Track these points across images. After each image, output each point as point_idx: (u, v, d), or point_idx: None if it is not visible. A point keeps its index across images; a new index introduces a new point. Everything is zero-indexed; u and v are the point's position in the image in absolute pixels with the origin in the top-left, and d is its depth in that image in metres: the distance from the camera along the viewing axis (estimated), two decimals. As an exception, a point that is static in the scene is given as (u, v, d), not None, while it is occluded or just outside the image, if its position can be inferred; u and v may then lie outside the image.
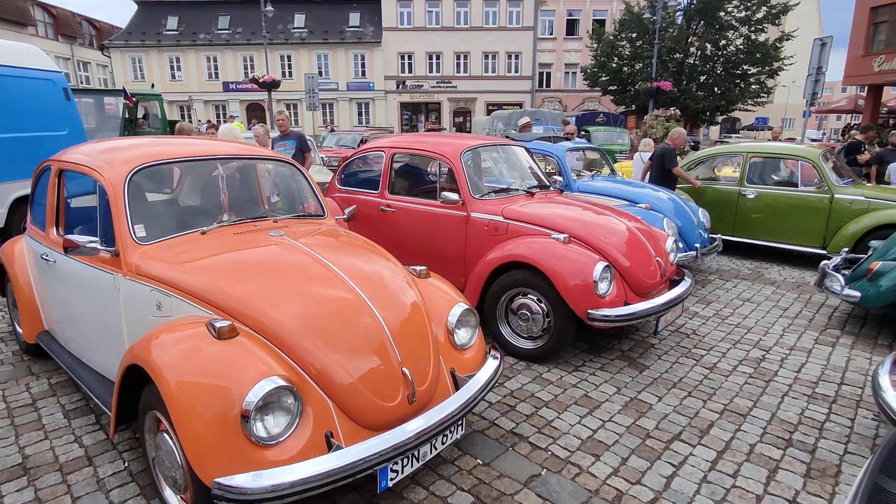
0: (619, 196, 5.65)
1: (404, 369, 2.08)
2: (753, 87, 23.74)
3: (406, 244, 4.52)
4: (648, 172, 6.85)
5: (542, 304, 3.56)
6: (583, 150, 6.68)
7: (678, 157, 10.29)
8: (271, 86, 20.96)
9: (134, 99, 11.31)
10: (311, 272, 2.32)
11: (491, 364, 2.52)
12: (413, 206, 4.45)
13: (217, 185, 3.10)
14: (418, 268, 2.78)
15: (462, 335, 2.54)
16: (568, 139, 7.96)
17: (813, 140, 22.85)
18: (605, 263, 3.41)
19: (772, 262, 6.70)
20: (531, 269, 3.55)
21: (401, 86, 37.69)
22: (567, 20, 37.15)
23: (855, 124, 25.55)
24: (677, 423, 2.95)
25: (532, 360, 3.68)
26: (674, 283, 4.01)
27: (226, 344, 1.93)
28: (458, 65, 37.85)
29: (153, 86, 24.22)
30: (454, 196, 4.03)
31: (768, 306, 5.02)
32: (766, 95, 24.41)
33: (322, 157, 11.71)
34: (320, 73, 35.95)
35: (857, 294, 4.18)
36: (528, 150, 4.98)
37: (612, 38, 25.04)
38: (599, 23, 34.50)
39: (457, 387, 2.33)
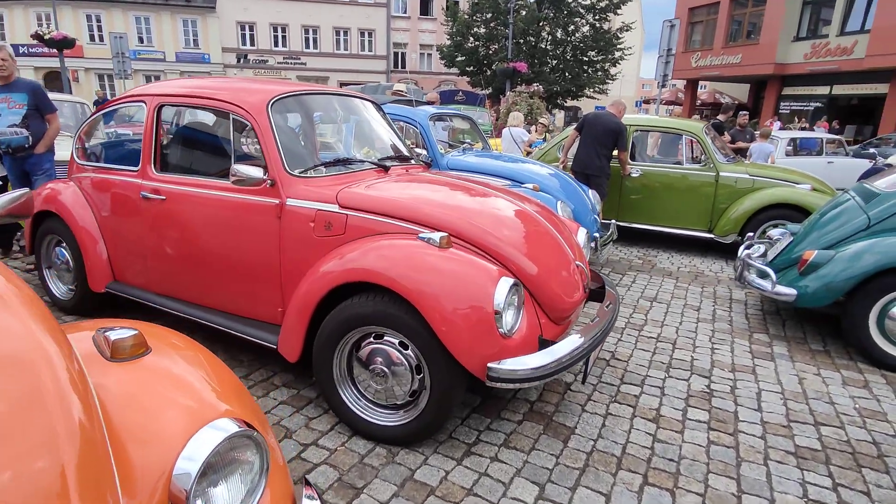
0: (499, 174, 4.40)
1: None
2: (599, 73, 24.75)
3: (183, 252, 2.76)
4: (573, 148, 5.67)
5: (410, 352, 2.09)
6: (450, 117, 5.31)
7: (545, 137, 9.54)
8: (62, 45, 16.74)
9: None
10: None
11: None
12: (193, 191, 2.70)
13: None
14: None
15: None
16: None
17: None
18: (512, 280, 2.04)
19: (658, 248, 6.03)
20: (388, 294, 2.06)
21: (242, 60, 33.69)
22: (421, -1, 36.08)
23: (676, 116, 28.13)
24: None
25: (395, 442, 2.21)
26: (593, 295, 2.82)
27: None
28: (306, 39, 34.84)
29: None
30: (256, 172, 2.38)
31: (679, 306, 4.14)
32: (610, 82, 25.63)
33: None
34: (142, 41, 30.70)
35: (793, 292, 3.37)
36: (380, 108, 3.45)
37: (466, 17, 24.34)
38: (454, 2, 33.89)
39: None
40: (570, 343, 2.11)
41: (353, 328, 2.15)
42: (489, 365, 1.92)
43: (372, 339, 2.16)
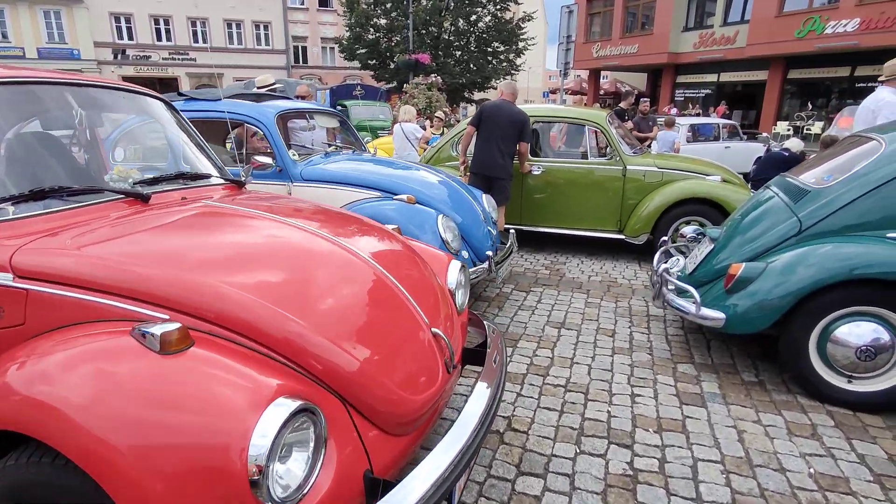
0: (365, 183, 3.50)
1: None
2: (504, 64, 24.51)
3: None
4: (471, 145, 4.84)
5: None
6: (308, 114, 4.32)
7: (441, 132, 8.75)
8: None
9: None
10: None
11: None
12: None
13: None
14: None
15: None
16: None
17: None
18: (294, 404, 1.13)
19: (567, 253, 5.41)
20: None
21: (120, 56, 30.36)
22: (319, -11, 34.27)
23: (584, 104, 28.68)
24: None
25: None
26: (467, 356, 2.00)
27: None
28: (194, 33, 32.01)
29: None
30: None
31: (591, 332, 3.46)
32: (515, 73, 25.48)
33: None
34: (-7, 35, 26.80)
35: (720, 316, 2.75)
36: (171, 106, 2.42)
37: (365, 7, 23.15)
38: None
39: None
40: (414, 488, 1.25)
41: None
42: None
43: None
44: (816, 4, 18.91)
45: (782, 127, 19.68)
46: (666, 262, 3.41)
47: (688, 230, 4.84)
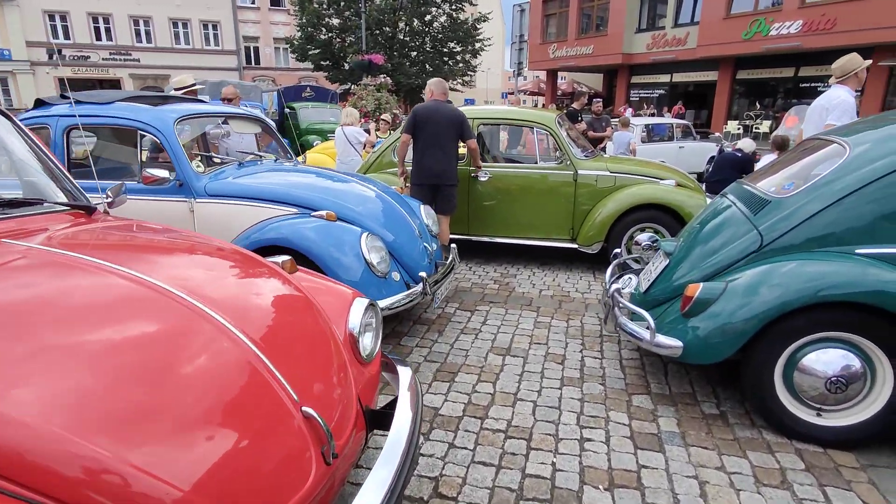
0: (279, 198, 3.04)
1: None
2: (460, 65, 24.23)
3: None
4: (408, 150, 4.43)
5: None
6: (222, 118, 3.82)
7: (388, 135, 8.28)
8: None
9: None
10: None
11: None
12: None
13: None
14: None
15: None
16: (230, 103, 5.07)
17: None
18: None
19: (518, 264, 5.08)
20: None
21: (56, 56, 28.60)
22: (270, -12, 33.25)
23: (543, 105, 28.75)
24: None
25: None
26: (373, 420, 1.60)
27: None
28: (137, 32, 30.56)
29: None
30: None
31: (538, 360, 3.11)
32: (472, 74, 25.25)
33: None
34: None
35: (678, 344, 2.44)
36: (4, 114, 1.92)
37: (317, 6, 22.43)
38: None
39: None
40: None
41: None
42: None
43: None
44: (762, 6, 19.38)
45: (733, 126, 20.09)
46: (618, 281, 3.10)
47: (643, 238, 4.58)
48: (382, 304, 2.80)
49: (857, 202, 2.26)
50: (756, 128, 19.43)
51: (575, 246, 4.79)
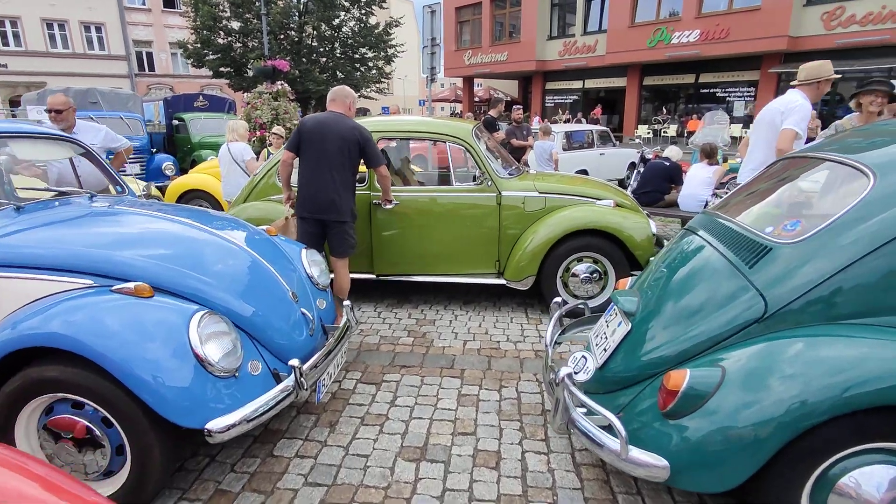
0: (62, 265, 1.98)
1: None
2: (373, 72, 23.21)
3: None
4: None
5: None
6: (9, 136, 2.64)
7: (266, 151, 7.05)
8: None
9: None
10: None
11: None
12: None
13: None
14: None
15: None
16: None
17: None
18: None
19: (436, 304, 4.23)
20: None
21: None
22: (162, -12, 30.51)
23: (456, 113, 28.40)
24: None
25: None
26: None
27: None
28: (2, 34, 26.81)
29: None
30: None
31: (466, 465, 2.25)
32: (386, 81, 24.32)
33: None
34: None
35: (663, 465, 1.67)
36: None
37: (211, 7, 20.55)
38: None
39: None
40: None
41: None
42: None
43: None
44: (663, 16, 20.05)
45: (643, 130, 20.62)
46: (567, 361, 2.31)
47: (581, 269, 3.92)
48: (227, 421, 1.83)
49: None
50: (664, 132, 20.03)
51: (503, 282, 4.01)
